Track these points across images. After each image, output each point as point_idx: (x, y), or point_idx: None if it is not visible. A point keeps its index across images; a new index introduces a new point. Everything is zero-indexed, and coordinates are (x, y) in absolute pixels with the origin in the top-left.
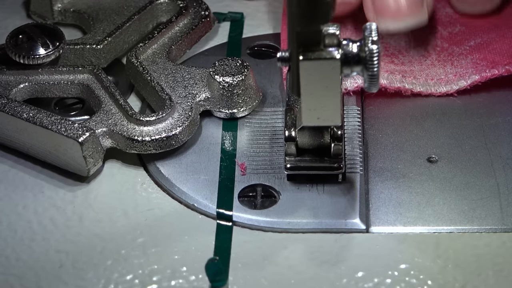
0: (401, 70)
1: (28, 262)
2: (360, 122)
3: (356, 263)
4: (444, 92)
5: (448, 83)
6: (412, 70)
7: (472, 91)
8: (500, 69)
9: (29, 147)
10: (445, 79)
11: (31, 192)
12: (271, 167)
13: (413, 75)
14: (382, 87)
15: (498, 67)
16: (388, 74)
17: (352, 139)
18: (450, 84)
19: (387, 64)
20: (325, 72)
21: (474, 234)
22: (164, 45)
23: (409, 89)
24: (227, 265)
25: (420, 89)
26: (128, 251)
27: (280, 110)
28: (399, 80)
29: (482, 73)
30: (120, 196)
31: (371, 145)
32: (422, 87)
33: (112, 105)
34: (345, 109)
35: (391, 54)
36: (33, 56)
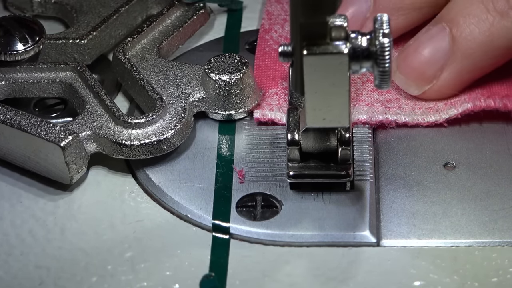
0: (385, 100)
1: (4, 279)
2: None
3: (365, 279)
4: (433, 121)
5: (437, 112)
6: (398, 98)
7: None
8: (496, 101)
9: (5, 152)
10: (434, 107)
11: (8, 202)
12: (272, 174)
13: (398, 103)
14: (362, 122)
15: (495, 98)
16: (368, 108)
17: (362, 143)
18: (439, 113)
19: (370, 94)
20: (332, 68)
21: (495, 248)
22: (154, 40)
23: (393, 120)
24: (224, 282)
25: (405, 119)
26: (115, 267)
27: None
28: (380, 112)
29: (475, 102)
30: (106, 206)
31: (382, 150)
32: (408, 117)
33: (97, 106)
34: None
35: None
36: (11, 52)
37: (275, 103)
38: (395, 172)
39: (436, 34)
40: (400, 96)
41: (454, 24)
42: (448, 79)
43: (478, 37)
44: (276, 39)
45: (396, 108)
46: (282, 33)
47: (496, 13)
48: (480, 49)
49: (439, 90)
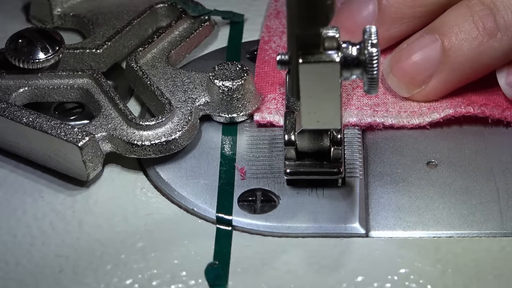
0: (373, 104)
1: (27, 266)
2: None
3: (355, 267)
4: (417, 124)
5: (421, 115)
6: (385, 102)
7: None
8: (475, 108)
9: (28, 151)
10: (418, 111)
11: (31, 197)
12: (270, 172)
13: (385, 107)
14: (352, 124)
15: (474, 105)
16: (358, 111)
17: (352, 143)
18: (422, 117)
19: (359, 98)
20: (325, 75)
21: (473, 238)
22: (163, 50)
23: (380, 122)
24: (227, 269)
25: (392, 121)
26: (128, 256)
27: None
28: (369, 115)
29: (456, 108)
30: (119, 201)
31: (370, 150)
32: (394, 120)
33: (112, 110)
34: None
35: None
36: (33, 60)
37: (273, 107)
38: (382, 170)
39: (428, 44)
40: (387, 101)
41: (446, 37)
42: (436, 86)
43: (467, 53)
44: (274, 49)
45: (384, 112)
46: (280, 43)
47: (485, 33)
48: (467, 63)
49: (426, 95)
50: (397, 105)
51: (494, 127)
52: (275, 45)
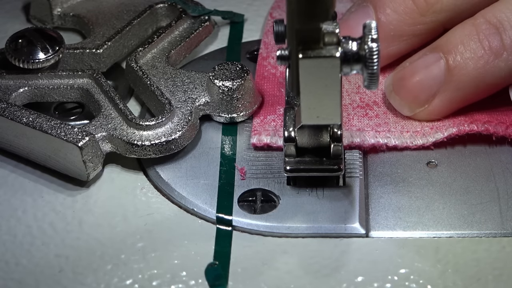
0: (374, 124)
1: (27, 266)
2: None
3: (355, 268)
4: (420, 144)
5: (424, 135)
6: (386, 122)
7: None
8: (479, 126)
9: (28, 151)
10: (421, 131)
11: (31, 197)
12: (270, 172)
13: (387, 127)
14: (356, 145)
15: (477, 123)
16: (360, 132)
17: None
18: (426, 137)
19: (360, 119)
20: (325, 70)
21: (473, 238)
22: (163, 50)
23: (384, 143)
24: (227, 269)
25: (395, 142)
26: (128, 256)
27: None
28: (372, 136)
29: (460, 127)
30: (119, 201)
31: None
32: (397, 140)
33: (112, 110)
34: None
35: (366, 105)
36: (33, 60)
37: (272, 129)
38: (383, 170)
39: (432, 62)
40: (388, 120)
41: (450, 56)
42: (439, 105)
43: (472, 72)
44: (273, 65)
45: (386, 132)
46: None
47: (491, 52)
48: (472, 83)
49: (429, 114)
50: (399, 125)
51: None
52: (274, 61)
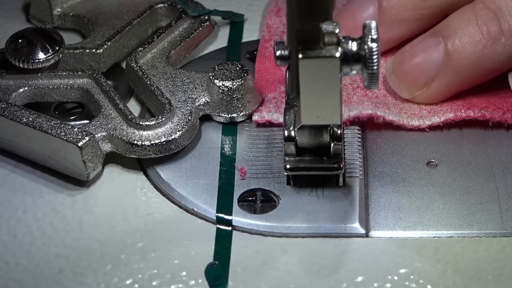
0: (374, 102)
1: (27, 267)
2: (360, 126)
3: (355, 267)
4: (416, 125)
5: (421, 118)
6: (386, 102)
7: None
8: (476, 112)
9: (28, 151)
10: (418, 114)
11: (31, 197)
12: (270, 172)
13: (386, 106)
14: (352, 118)
15: (474, 109)
16: (359, 105)
17: (352, 143)
18: (423, 119)
19: (360, 98)
20: (325, 70)
21: (473, 238)
22: (163, 50)
23: (382, 116)
24: (227, 269)
25: (392, 118)
26: (128, 256)
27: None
28: (370, 108)
29: (456, 112)
30: (119, 201)
31: (370, 150)
32: (394, 117)
33: (112, 110)
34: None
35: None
36: (33, 60)
37: (273, 105)
38: (383, 170)
39: (432, 46)
40: (388, 102)
41: (449, 40)
42: (438, 89)
43: (470, 57)
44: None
45: (385, 109)
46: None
47: (489, 37)
48: (470, 67)
49: (428, 97)
50: (398, 107)
51: (495, 130)
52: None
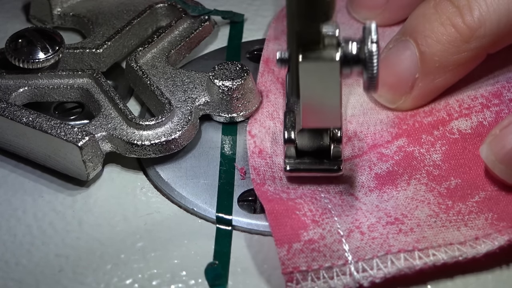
0: (414, 240)
1: (27, 266)
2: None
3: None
4: (472, 256)
5: (473, 245)
6: (425, 237)
7: None
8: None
9: (28, 151)
10: (466, 242)
11: (31, 197)
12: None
13: (428, 242)
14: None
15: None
16: (404, 255)
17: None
18: (475, 247)
19: (396, 236)
20: (325, 73)
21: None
22: (163, 49)
23: (433, 263)
24: (227, 269)
25: (443, 257)
26: (128, 256)
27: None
28: (417, 258)
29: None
30: (119, 201)
31: None
32: (445, 255)
33: (112, 109)
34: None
35: (395, 219)
36: (33, 60)
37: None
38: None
39: (403, 49)
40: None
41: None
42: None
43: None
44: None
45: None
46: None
47: (456, 32)
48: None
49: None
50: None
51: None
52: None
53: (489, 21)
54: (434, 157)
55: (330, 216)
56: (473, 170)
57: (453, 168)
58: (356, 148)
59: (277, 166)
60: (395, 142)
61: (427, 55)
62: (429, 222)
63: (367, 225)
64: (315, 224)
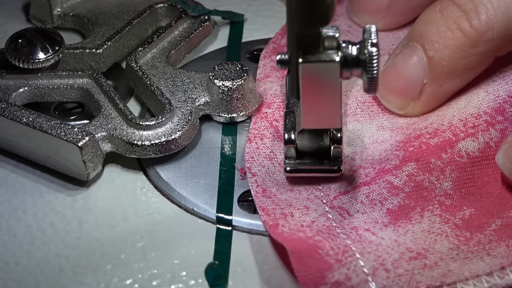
0: (441, 275)
1: (27, 266)
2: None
3: None
4: (502, 287)
5: (500, 277)
6: (450, 270)
7: None
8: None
9: (28, 151)
10: (492, 272)
11: (31, 197)
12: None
13: (454, 276)
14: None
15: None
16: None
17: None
18: (503, 278)
19: (421, 271)
20: (325, 74)
21: None
22: (163, 50)
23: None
24: (227, 269)
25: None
26: (128, 256)
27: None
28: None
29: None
30: (119, 201)
31: None
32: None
33: (112, 110)
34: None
35: (418, 254)
36: (33, 60)
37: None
38: None
39: (410, 55)
40: (451, 267)
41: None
42: (430, 96)
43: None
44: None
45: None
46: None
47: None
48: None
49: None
50: (464, 269)
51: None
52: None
53: (497, 24)
54: (445, 185)
55: (352, 254)
56: (484, 198)
57: (465, 197)
58: (362, 174)
59: (284, 202)
60: (404, 168)
61: (435, 60)
62: (451, 255)
63: (391, 261)
64: (339, 263)
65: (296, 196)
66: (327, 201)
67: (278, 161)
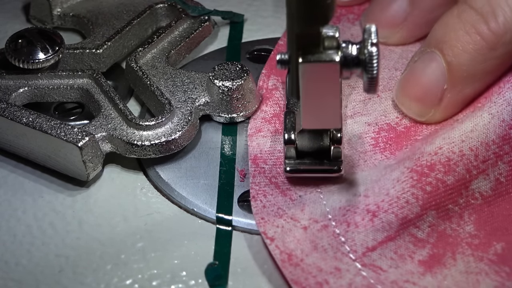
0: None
1: (27, 266)
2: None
3: None
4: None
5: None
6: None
7: None
8: None
9: (28, 151)
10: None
11: (31, 197)
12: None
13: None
14: None
15: None
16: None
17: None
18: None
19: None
20: (325, 74)
21: None
22: (163, 50)
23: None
24: (227, 269)
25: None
26: (128, 256)
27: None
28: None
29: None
30: (119, 201)
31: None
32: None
33: (112, 110)
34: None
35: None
36: (33, 60)
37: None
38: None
39: (429, 61)
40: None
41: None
42: (450, 102)
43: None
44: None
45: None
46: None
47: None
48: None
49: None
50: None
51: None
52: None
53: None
54: (467, 229)
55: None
56: (510, 230)
57: (491, 233)
58: (386, 224)
59: (314, 267)
60: (425, 218)
61: (455, 65)
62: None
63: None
64: None
65: (323, 256)
66: (357, 258)
67: (290, 216)
